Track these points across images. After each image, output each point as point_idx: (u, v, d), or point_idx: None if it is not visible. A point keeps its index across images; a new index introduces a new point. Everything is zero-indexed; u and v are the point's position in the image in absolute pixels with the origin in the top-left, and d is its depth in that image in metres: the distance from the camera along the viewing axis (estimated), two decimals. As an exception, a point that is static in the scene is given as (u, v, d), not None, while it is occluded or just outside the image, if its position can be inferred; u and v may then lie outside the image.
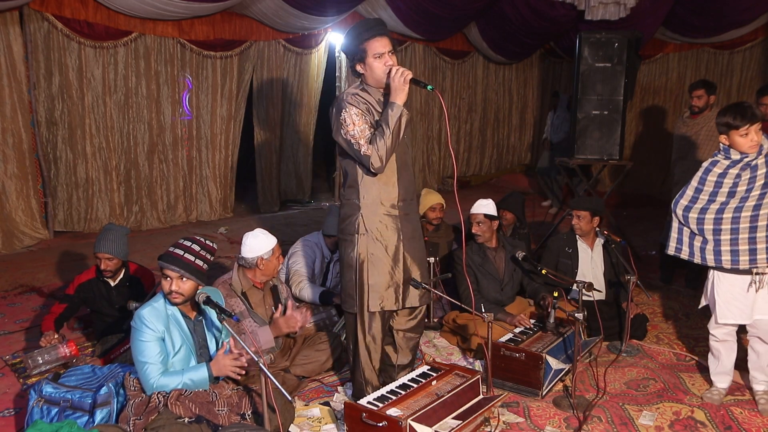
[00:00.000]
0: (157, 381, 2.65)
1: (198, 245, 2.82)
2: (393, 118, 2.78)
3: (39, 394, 2.99)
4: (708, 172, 3.10)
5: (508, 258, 4.10)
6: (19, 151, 6.32)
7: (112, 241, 3.77)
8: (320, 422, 3.06)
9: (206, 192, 7.92)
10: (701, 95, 4.94)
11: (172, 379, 2.66)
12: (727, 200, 3.02)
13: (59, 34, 6.42)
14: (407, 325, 3.18)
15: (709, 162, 3.12)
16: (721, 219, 3.01)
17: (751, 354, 3.25)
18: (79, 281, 3.88)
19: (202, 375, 2.68)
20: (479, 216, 4.04)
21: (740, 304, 3.11)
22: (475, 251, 4.08)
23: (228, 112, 7.89)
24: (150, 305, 2.75)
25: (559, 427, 3.08)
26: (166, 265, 2.73)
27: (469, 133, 10.99)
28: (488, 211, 4.04)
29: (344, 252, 3.01)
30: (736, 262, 3.00)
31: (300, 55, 8.43)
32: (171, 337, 2.74)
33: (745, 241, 2.96)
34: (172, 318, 2.78)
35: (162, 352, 2.70)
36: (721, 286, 3.15)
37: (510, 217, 4.89)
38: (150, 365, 2.66)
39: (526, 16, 8.81)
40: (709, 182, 3.08)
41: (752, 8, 8.13)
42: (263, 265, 3.34)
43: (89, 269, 3.93)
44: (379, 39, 2.81)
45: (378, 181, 2.90)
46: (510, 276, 4.09)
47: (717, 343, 3.31)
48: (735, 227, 2.97)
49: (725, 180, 3.04)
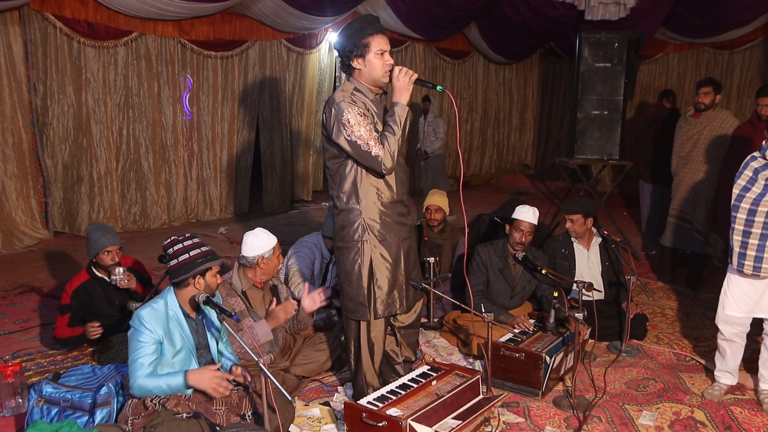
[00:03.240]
0: (137, 381, 2.62)
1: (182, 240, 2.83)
2: (401, 117, 2.76)
3: (39, 394, 2.99)
4: (746, 166, 3.07)
5: (524, 271, 4.07)
6: (19, 151, 6.33)
7: (109, 233, 3.75)
8: (320, 422, 3.06)
9: (206, 192, 7.93)
10: (708, 92, 4.92)
11: (152, 381, 2.61)
12: (763, 192, 2.96)
13: (59, 34, 6.42)
14: (407, 321, 3.18)
15: (750, 157, 3.09)
16: (752, 222, 2.97)
17: (764, 352, 3.25)
18: (71, 288, 3.75)
19: (178, 382, 2.61)
20: (525, 224, 3.91)
21: (746, 297, 3.13)
22: (498, 254, 4.02)
23: (229, 113, 7.90)
24: (150, 306, 2.72)
25: (559, 427, 3.08)
26: (213, 263, 2.78)
27: (469, 133, 11.00)
28: (534, 220, 3.93)
29: (346, 259, 2.92)
30: (758, 269, 2.99)
31: (301, 55, 8.44)
32: (171, 338, 2.72)
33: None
34: (174, 318, 2.75)
35: (155, 354, 2.66)
36: (732, 277, 3.19)
37: None
38: (138, 365, 2.63)
39: (526, 16, 8.81)
40: (745, 176, 3.05)
41: (752, 8, 8.13)
42: (264, 263, 3.34)
43: (79, 274, 3.82)
44: (382, 36, 2.78)
45: (376, 183, 2.86)
46: (523, 287, 4.08)
47: (723, 342, 3.31)
48: (765, 233, 2.94)
49: (759, 175, 3.01)
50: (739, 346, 3.30)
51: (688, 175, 4.96)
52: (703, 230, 4.76)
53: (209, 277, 2.79)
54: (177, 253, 2.74)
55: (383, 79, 2.82)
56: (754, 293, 3.11)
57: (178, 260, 2.73)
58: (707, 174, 4.79)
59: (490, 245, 4.08)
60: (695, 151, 4.92)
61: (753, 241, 2.97)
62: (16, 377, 3.17)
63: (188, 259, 2.72)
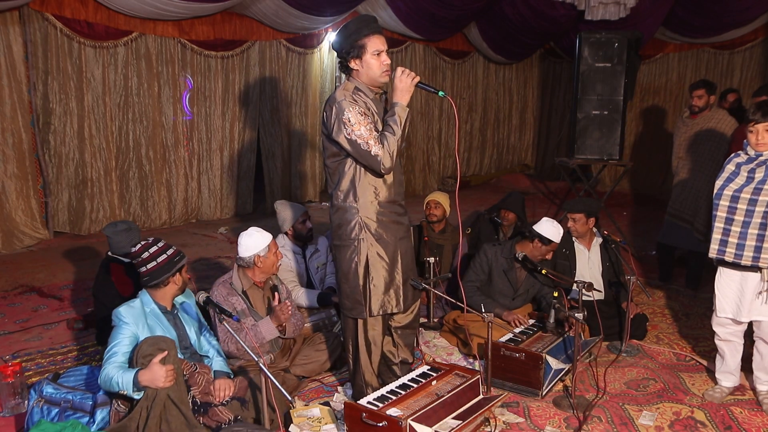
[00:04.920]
0: (104, 369, 2.66)
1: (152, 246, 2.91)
2: (401, 118, 2.77)
3: (39, 395, 2.99)
4: (729, 161, 3.14)
5: (528, 274, 4.08)
6: (19, 151, 6.33)
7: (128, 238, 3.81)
8: (320, 422, 3.06)
9: (206, 192, 7.93)
10: (702, 95, 4.95)
11: (113, 371, 2.62)
12: (746, 183, 3.02)
13: (59, 34, 6.42)
14: (404, 321, 3.18)
15: (733, 154, 3.16)
16: (735, 209, 3.01)
17: (756, 355, 3.26)
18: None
19: (128, 380, 2.58)
20: (555, 245, 3.90)
21: (736, 298, 3.16)
22: (505, 255, 4.01)
23: (230, 113, 7.90)
24: (127, 305, 2.83)
25: (559, 427, 3.08)
26: (185, 259, 2.97)
27: (469, 133, 11.00)
28: (557, 239, 3.92)
29: (343, 257, 2.94)
30: (739, 256, 3.02)
31: (302, 55, 8.44)
32: (153, 332, 2.79)
33: (754, 236, 2.97)
34: (152, 314, 2.85)
35: (131, 346, 2.73)
36: (721, 280, 3.21)
37: (512, 216, 4.92)
38: (112, 353, 2.69)
39: (526, 16, 8.81)
40: (728, 170, 3.12)
41: (752, 8, 8.13)
42: (261, 262, 3.34)
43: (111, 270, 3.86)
44: (378, 36, 2.80)
45: (375, 183, 2.87)
46: (526, 290, 4.08)
47: (720, 342, 3.33)
48: (747, 220, 2.98)
49: (742, 168, 3.07)
50: (737, 344, 3.31)
51: (688, 175, 4.98)
52: (704, 230, 4.77)
53: (183, 273, 2.97)
54: (154, 255, 2.86)
55: (381, 79, 2.83)
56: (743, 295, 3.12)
57: (157, 261, 2.86)
58: (706, 174, 4.79)
59: (498, 245, 4.07)
60: (694, 152, 4.94)
61: (735, 228, 3.02)
62: (16, 377, 3.17)
63: (167, 259, 2.87)
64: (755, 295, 3.08)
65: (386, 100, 3.00)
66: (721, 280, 3.21)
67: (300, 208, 4.22)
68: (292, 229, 4.18)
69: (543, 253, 3.91)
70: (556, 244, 3.91)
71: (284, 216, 4.20)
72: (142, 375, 2.56)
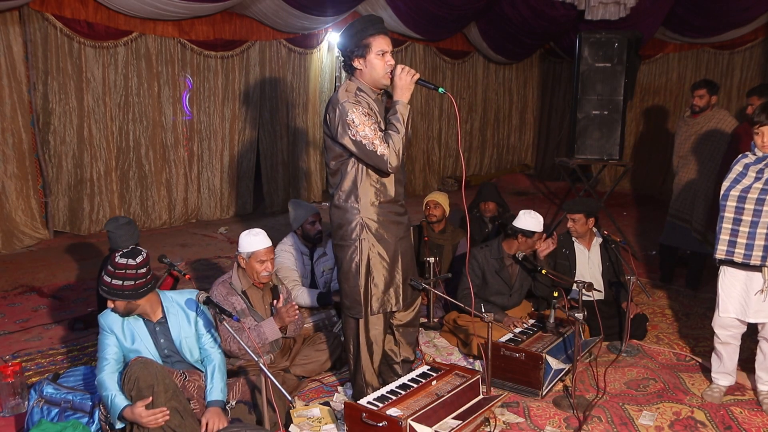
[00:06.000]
0: (99, 375, 2.67)
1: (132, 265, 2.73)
2: (404, 116, 2.77)
3: (39, 395, 2.99)
4: (737, 162, 3.13)
5: (521, 268, 4.08)
6: (19, 151, 6.32)
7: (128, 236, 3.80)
8: (320, 422, 3.06)
9: (206, 192, 7.92)
10: (703, 95, 4.95)
11: (108, 386, 2.63)
12: (753, 183, 3.01)
13: (59, 33, 6.42)
14: (405, 319, 3.18)
15: (741, 155, 3.16)
16: (743, 209, 3.00)
17: (759, 355, 3.26)
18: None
19: (116, 408, 2.58)
20: (537, 234, 3.91)
21: (740, 298, 3.14)
22: (494, 256, 4.03)
23: (230, 113, 7.90)
24: (106, 311, 2.80)
25: (559, 427, 3.08)
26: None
27: (469, 133, 11.00)
28: (539, 228, 3.92)
29: (344, 257, 2.94)
30: (748, 257, 3.01)
31: (302, 55, 8.43)
32: (132, 340, 2.78)
33: (763, 236, 2.96)
34: (130, 322, 2.80)
35: (118, 352, 2.75)
36: (725, 280, 3.20)
37: (492, 206, 5.04)
38: (101, 359, 2.72)
39: (526, 16, 8.81)
40: (735, 170, 3.11)
41: (752, 8, 8.13)
42: (243, 263, 3.32)
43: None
44: (383, 36, 2.79)
45: (376, 183, 2.88)
46: (520, 284, 4.09)
47: (719, 345, 3.33)
48: (756, 220, 2.97)
49: (749, 169, 3.07)
50: (735, 348, 3.31)
51: (687, 174, 4.98)
52: (702, 229, 4.77)
53: (128, 305, 2.80)
54: (141, 264, 2.74)
55: (384, 80, 2.82)
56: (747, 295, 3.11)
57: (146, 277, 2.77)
58: (705, 173, 4.80)
59: (485, 248, 4.08)
60: (694, 151, 4.94)
61: (744, 228, 3.01)
62: (16, 377, 3.17)
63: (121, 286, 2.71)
64: (757, 294, 3.07)
65: (387, 100, 3.00)
66: (725, 280, 3.19)
67: (311, 209, 4.22)
68: (301, 229, 4.18)
69: (530, 246, 3.94)
70: (540, 233, 3.91)
71: (295, 215, 4.20)
72: (126, 412, 2.56)
